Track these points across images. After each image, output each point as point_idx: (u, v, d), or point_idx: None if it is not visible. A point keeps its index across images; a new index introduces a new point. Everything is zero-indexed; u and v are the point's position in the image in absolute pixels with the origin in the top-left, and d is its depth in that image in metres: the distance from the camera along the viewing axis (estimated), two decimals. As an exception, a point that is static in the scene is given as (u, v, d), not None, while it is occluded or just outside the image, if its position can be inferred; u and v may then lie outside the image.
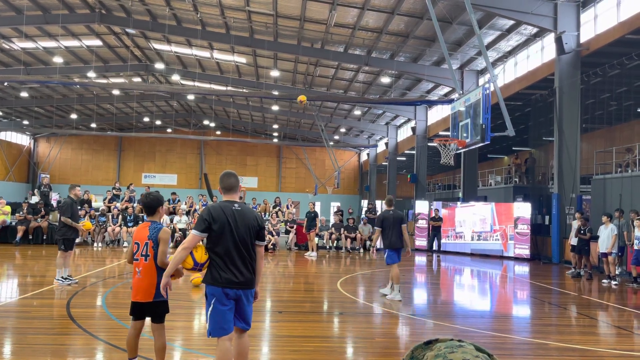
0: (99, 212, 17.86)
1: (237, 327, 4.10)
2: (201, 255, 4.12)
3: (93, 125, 39.97)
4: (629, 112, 20.96)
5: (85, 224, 10.24)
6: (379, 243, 13.30)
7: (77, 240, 10.78)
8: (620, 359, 5.84)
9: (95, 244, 17.05)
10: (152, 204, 4.67)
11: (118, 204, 18.68)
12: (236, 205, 4.15)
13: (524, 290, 11.83)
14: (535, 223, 18.39)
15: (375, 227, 9.45)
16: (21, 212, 17.33)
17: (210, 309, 3.99)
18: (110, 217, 17.91)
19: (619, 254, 13.31)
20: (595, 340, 6.66)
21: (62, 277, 9.49)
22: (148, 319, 4.59)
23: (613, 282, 12.02)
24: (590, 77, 16.51)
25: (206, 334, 4.05)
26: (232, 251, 4.04)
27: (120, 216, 17.83)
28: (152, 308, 4.45)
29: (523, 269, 15.42)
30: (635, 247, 11.84)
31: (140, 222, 17.92)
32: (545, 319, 8.45)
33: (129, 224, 17.72)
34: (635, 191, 14.64)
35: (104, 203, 19.07)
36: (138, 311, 4.50)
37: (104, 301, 8.25)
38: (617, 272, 13.61)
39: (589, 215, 16.86)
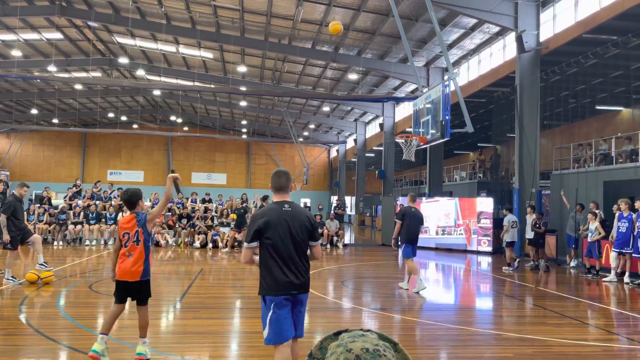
0: (59, 210, 17.41)
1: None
2: None
3: (55, 120, 38.89)
4: (586, 110, 21.64)
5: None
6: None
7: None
8: (569, 348, 6.07)
9: (55, 243, 16.62)
10: (132, 199, 5.16)
11: (79, 202, 18.25)
12: (287, 206, 3.97)
13: (485, 284, 12.11)
14: (498, 218, 18.82)
15: (396, 220, 9.81)
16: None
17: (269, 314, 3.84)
18: (71, 214, 17.48)
19: (575, 246, 13.80)
20: (546, 330, 6.88)
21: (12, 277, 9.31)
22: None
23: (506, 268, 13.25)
24: (549, 75, 16.97)
25: (265, 342, 3.89)
26: (287, 254, 3.89)
27: (82, 214, 17.43)
28: (138, 288, 4.98)
29: (485, 263, 15.77)
30: (589, 240, 12.28)
31: (103, 219, 17.58)
32: (501, 311, 8.69)
33: (91, 222, 17.34)
34: (590, 186, 15.16)
35: (65, 201, 18.60)
36: (124, 293, 5.00)
37: (60, 301, 8.06)
38: (573, 264, 14.12)
39: (548, 209, 17.39)
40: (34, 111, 36.17)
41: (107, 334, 4.93)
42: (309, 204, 38.63)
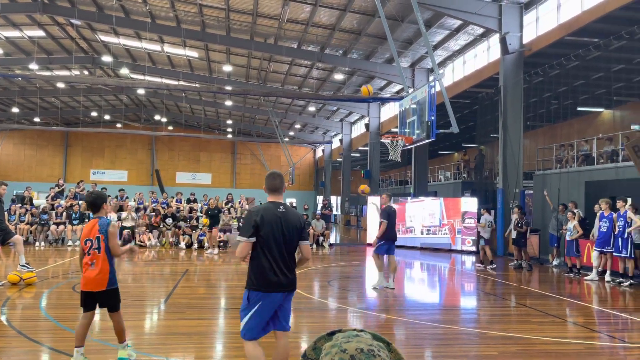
0: (40, 210, 17.15)
1: (278, 330, 4.08)
2: None
3: (37, 119, 38.30)
4: (568, 111, 21.97)
5: None
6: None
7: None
8: (552, 345, 6.16)
9: (37, 243, 16.37)
10: (96, 201, 4.91)
11: (62, 201, 18.00)
12: (281, 207, 4.10)
13: (469, 283, 12.23)
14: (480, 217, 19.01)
15: (382, 220, 9.88)
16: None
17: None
18: (54, 214, 17.23)
19: (557, 245, 14.02)
20: (530, 328, 6.97)
21: None
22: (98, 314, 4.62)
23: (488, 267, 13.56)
24: (532, 76, 17.19)
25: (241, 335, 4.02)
26: (279, 253, 4.00)
27: (64, 214, 17.20)
28: (105, 297, 4.76)
29: (469, 262, 15.91)
30: (567, 238, 12.50)
31: (87, 219, 17.35)
32: (486, 309, 8.78)
33: (74, 222, 17.12)
34: (572, 186, 15.40)
35: (47, 200, 18.33)
36: (90, 301, 4.77)
37: (42, 303, 7.95)
38: (556, 263, 14.34)
39: (531, 209, 17.61)
40: (15, 110, 35.58)
41: (82, 345, 4.73)
42: (294, 204, 38.59)
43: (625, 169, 13.62)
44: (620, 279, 11.20)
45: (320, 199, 37.44)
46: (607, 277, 11.51)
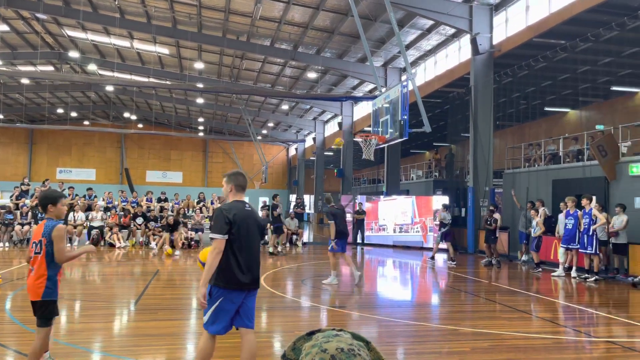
0: (5, 210, 16.61)
1: (241, 327, 4.13)
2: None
3: (0, 116, 37.03)
4: (537, 111, 22.50)
5: None
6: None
7: None
8: (522, 340, 6.28)
9: (1, 244, 15.85)
10: (41, 202, 4.62)
11: (27, 201, 17.47)
12: (247, 206, 4.21)
13: (441, 280, 12.39)
14: (453, 216, 19.28)
15: (331, 222, 10.21)
16: None
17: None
18: (18, 214, 16.71)
19: (526, 242, 14.36)
20: (500, 324, 7.10)
21: None
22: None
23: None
24: (502, 77, 17.54)
25: (204, 327, 4.09)
26: (247, 251, 4.08)
27: (29, 213, 16.69)
28: (39, 307, 4.36)
29: (441, 260, 16.12)
30: (532, 235, 12.83)
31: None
32: (457, 306, 8.91)
33: (40, 222, 16.63)
34: (541, 184, 15.77)
35: (11, 200, 17.76)
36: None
37: (7, 305, 7.70)
38: (524, 259, 14.67)
39: (500, 207, 17.98)
40: (-23, 106, 34.35)
41: (47, 350, 4.50)
42: (267, 203, 38.39)
43: (591, 167, 14.03)
44: (586, 275, 11.52)
45: (293, 197, 37.39)
46: (574, 273, 11.83)
